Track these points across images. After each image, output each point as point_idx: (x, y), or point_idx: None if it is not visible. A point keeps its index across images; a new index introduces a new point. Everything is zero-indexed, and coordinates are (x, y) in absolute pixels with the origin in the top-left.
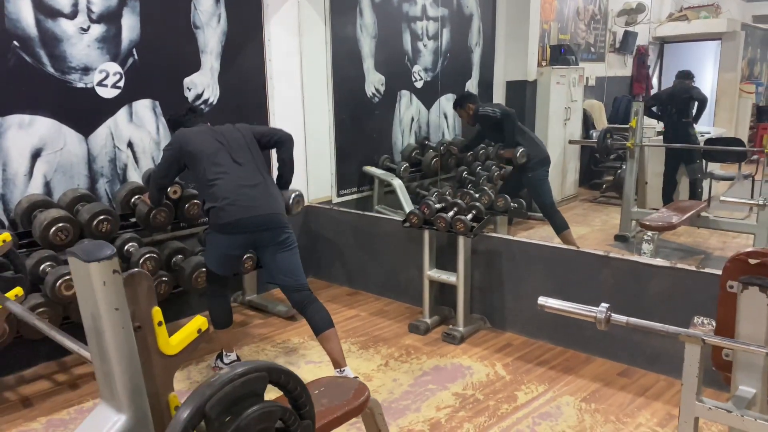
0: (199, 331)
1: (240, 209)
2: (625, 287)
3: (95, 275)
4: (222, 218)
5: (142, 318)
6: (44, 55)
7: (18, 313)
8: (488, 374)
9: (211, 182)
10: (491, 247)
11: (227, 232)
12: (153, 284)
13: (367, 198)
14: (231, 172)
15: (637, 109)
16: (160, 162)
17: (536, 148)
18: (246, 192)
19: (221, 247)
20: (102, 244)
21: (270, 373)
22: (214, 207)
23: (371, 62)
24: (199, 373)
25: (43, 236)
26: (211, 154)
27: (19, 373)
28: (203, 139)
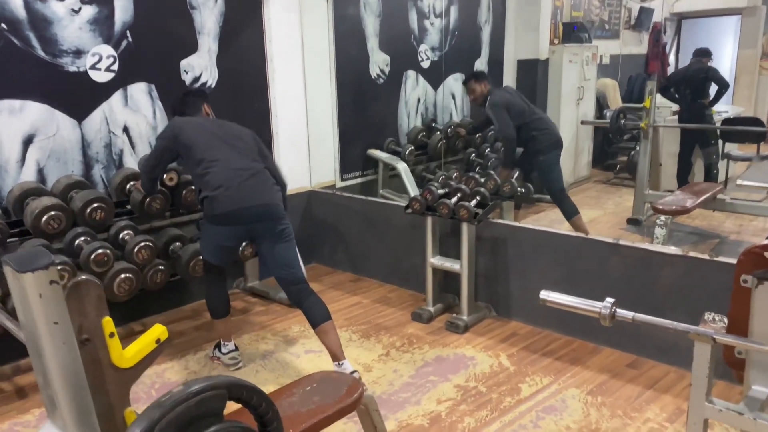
0: (157, 341)
1: (234, 199)
2: (635, 276)
3: (30, 287)
4: (216, 209)
5: (91, 330)
6: (34, 38)
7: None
8: (492, 365)
9: (205, 170)
10: (497, 233)
11: (221, 224)
12: (103, 293)
13: (372, 182)
14: (226, 159)
15: (651, 89)
16: (152, 151)
17: (548, 130)
18: (241, 181)
19: (215, 238)
20: (39, 252)
21: (230, 390)
22: (207, 196)
23: (375, 42)
24: (197, 362)
25: (34, 225)
26: (205, 142)
27: (16, 363)
28: (198, 128)
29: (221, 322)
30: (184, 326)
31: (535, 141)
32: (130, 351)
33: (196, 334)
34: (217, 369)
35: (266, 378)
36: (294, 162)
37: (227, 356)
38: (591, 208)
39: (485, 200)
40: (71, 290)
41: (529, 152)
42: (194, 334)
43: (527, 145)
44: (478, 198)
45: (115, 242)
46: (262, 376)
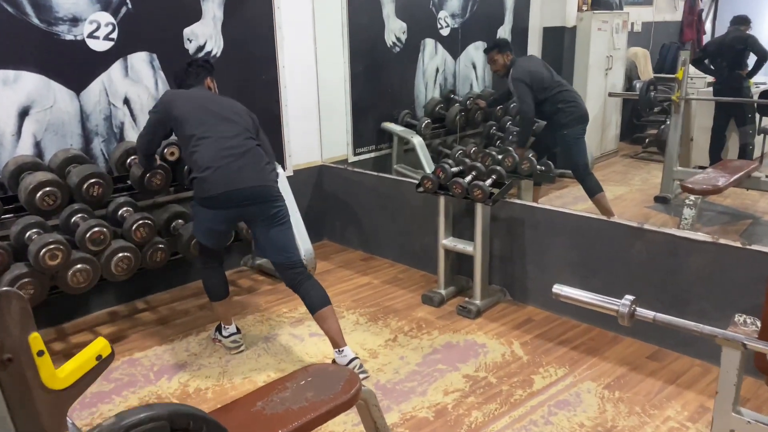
0: (98, 358)
1: (224, 181)
2: (660, 263)
3: None
4: (205, 191)
5: (15, 348)
6: (27, 5)
7: None
8: (504, 354)
9: (195, 148)
10: (513, 214)
11: (211, 207)
12: (27, 305)
13: (386, 156)
14: (216, 137)
15: (685, 59)
16: (145, 126)
17: (574, 103)
18: (231, 161)
19: (206, 222)
20: None
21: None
22: (196, 177)
23: (392, 8)
24: (198, 344)
25: (29, 201)
26: (196, 117)
27: None
28: (190, 101)
29: (220, 305)
30: (188, 305)
31: (560, 114)
32: (65, 370)
33: (199, 314)
34: (218, 351)
35: (267, 362)
36: (304, 135)
37: (228, 339)
38: (617, 184)
39: (501, 179)
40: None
41: (554, 126)
42: (198, 314)
43: (551, 118)
44: (494, 177)
45: (113, 219)
46: (264, 360)
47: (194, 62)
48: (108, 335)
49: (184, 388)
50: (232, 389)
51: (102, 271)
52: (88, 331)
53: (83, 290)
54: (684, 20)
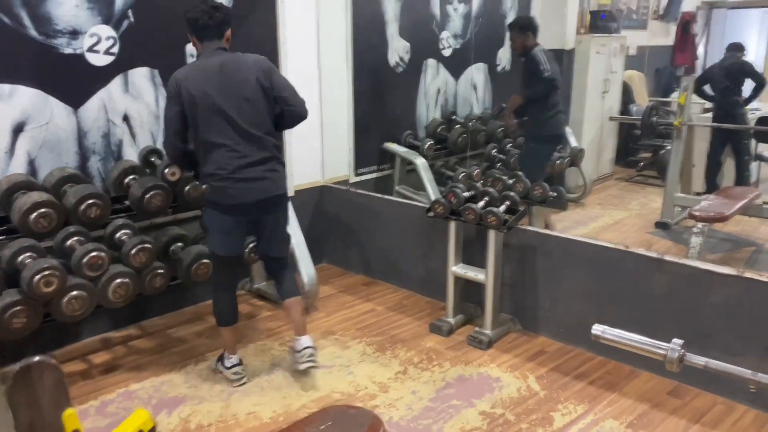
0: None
1: (243, 190)
2: (680, 296)
3: None
4: (223, 198)
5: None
6: (26, 17)
7: None
8: (519, 388)
9: (210, 145)
10: (525, 241)
11: (226, 212)
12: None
13: (387, 177)
14: (235, 140)
15: (687, 84)
16: (165, 124)
17: (552, 121)
18: (250, 169)
19: (220, 225)
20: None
21: None
22: (212, 181)
23: (395, 27)
24: (198, 375)
25: (22, 223)
26: (211, 105)
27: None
28: (206, 82)
29: (228, 331)
30: (184, 331)
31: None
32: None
33: (197, 342)
34: (219, 383)
35: (272, 396)
36: (306, 155)
37: (230, 371)
38: (616, 208)
39: (515, 205)
40: (17, 379)
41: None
42: (196, 341)
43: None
44: (508, 203)
45: (111, 242)
46: (268, 394)
47: (219, 8)
48: (101, 364)
49: (186, 424)
50: (236, 426)
51: (98, 297)
52: (80, 359)
53: (78, 318)
54: (676, 45)
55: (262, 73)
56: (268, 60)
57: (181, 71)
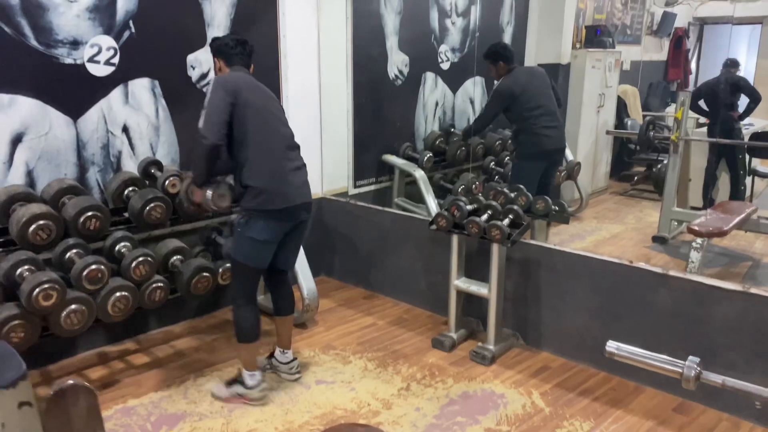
0: None
1: (294, 192)
2: (685, 311)
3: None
4: (277, 202)
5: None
6: (26, 26)
7: None
8: (524, 405)
9: (263, 150)
10: (528, 255)
11: (276, 218)
12: (97, 401)
13: (386, 189)
14: (279, 147)
15: (684, 99)
16: (212, 107)
17: (535, 139)
18: (297, 173)
19: (265, 234)
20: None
21: None
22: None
23: (395, 41)
24: (197, 390)
25: (21, 235)
26: (261, 111)
27: None
28: (253, 90)
29: (249, 348)
30: (182, 345)
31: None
32: None
33: (196, 356)
34: (237, 409)
35: (274, 413)
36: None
37: (257, 390)
38: (612, 222)
39: (519, 219)
40: (52, 403)
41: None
42: (194, 356)
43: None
44: (511, 216)
45: (110, 255)
46: (270, 411)
47: (245, 42)
48: (99, 379)
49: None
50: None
51: (97, 311)
52: (76, 374)
53: (76, 333)
54: (669, 60)
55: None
56: None
57: (231, 75)
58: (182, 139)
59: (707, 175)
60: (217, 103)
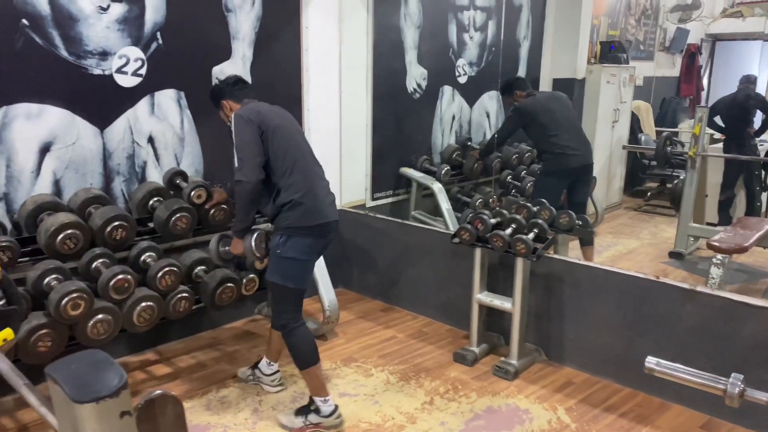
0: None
1: (325, 211)
2: (713, 328)
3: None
4: (314, 218)
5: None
6: (57, 37)
7: (3, 371)
8: (550, 421)
9: (295, 171)
10: (552, 270)
11: (315, 235)
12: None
13: (403, 202)
14: (309, 165)
15: (702, 115)
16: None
17: (558, 158)
18: (325, 192)
19: (306, 253)
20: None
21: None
22: (301, 201)
23: (414, 54)
24: (219, 402)
25: (48, 244)
26: (288, 135)
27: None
28: (275, 115)
29: (313, 373)
30: (203, 356)
31: (546, 161)
32: None
33: (217, 367)
34: (242, 411)
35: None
36: None
37: (333, 417)
38: (628, 237)
39: (543, 233)
40: (140, 413)
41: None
42: (216, 367)
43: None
44: (536, 231)
45: (135, 265)
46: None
47: (242, 79)
48: None
49: None
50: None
51: (123, 321)
52: None
53: (102, 343)
54: (682, 76)
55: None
56: None
57: (248, 106)
58: (206, 150)
59: (723, 190)
60: (247, 139)
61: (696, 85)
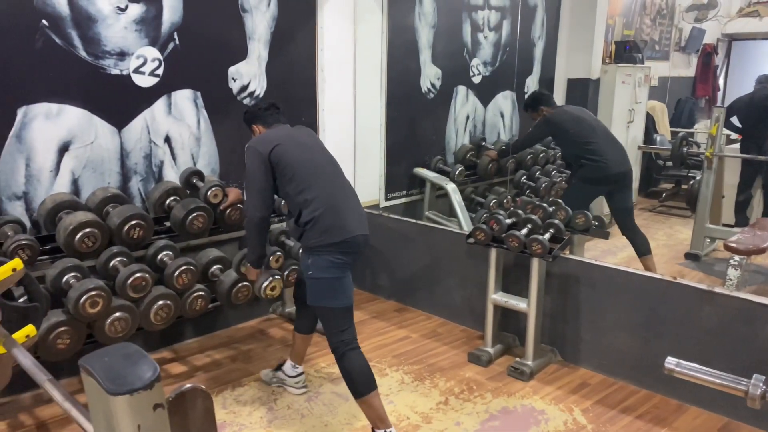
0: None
1: (351, 225)
2: (732, 330)
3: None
4: (337, 234)
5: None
6: (76, 37)
7: (27, 367)
8: (566, 421)
9: (309, 193)
10: (568, 270)
11: (341, 251)
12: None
13: (417, 202)
14: (330, 183)
15: (719, 115)
16: (249, 185)
17: (593, 165)
18: (350, 205)
19: (335, 270)
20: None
21: None
22: (317, 220)
23: (428, 54)
24: (235, 400)
25: (67, 243)
26: (303, 155)
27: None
28: (293, 136)
29: (371, 401)
30: (218, 355)
31: (583, 167)
32: None
33: (232, 366)
34: (258, 409)
35: (313, 424)
36: None
37: None
38: None
39: (559, 234)
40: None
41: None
42: (231, 366)
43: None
44: (552, 231)
45: (152, 264)
46: (309, 422)
47: (275, 104)
48: None
49: None
50: None
51: (140, 319)
52: None
53: (119, 340)
54: (697, 76)
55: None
56: None
57: (263, 134)
58: (222, 150)
59: (740, 191)
60: (255, 172)
61: (712, 85)
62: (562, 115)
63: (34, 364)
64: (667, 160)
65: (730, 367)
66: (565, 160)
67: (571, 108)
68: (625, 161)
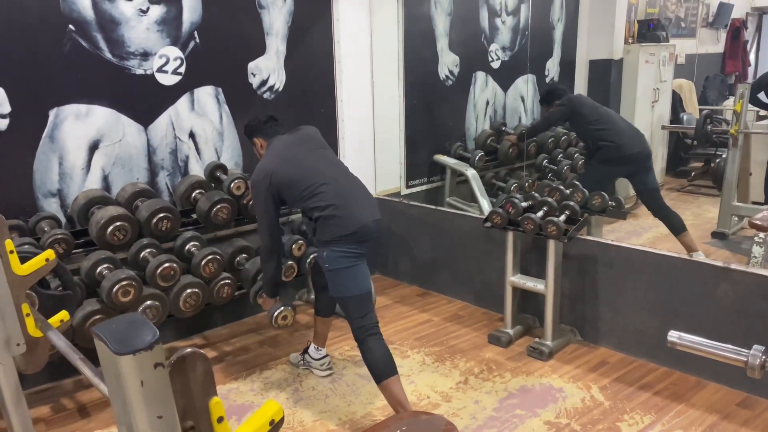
0: (271, 423)
1: (360, 215)
2: (749, 306)
3: (129, 373)
4: (349, 225)
5: (197, 415)
6: (101, 40)
7: (61, 348)
8: (583, 399)
9: (315, 196)
10: (585, 251)
11: (356, 240)
12: (211, 367)
13: (438, 189)
14: (335, 180)
15: (743, 92)
16: (259, 218)
17: (618, 145)
18: (358, 197)
19: (349, 258)
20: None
21: None
22: (328, 215)
23: (445, 41)
24: (263, 382)
25: (99, 236)
26: (305, 169)
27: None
28: (285, 161)
29: (389, 386)
30: (247, 341)
31: (600, 149)
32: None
33: (260, 351)
34: (285, 391)
35: (336, 404)
36: (359, 168)
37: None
38: None
39: (575, 215)
40: (174, 367)
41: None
42: (258, 351)
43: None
44: (568, 212)
45: (180, 254)
46: (332, 402)
47: (273, 116)
48: None
49: None
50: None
51: (170, 307)
52: None
53: None
54: (726, 52)
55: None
56: None
57: (264, 159)
58: (245, 143)
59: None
60: (261, 206)
61: (742, 61)
62: (580, 98)
63: (68, 346)
64: (695, 139)
65: (748, 342)
66: (584, 142)
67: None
68: (641, 142)
